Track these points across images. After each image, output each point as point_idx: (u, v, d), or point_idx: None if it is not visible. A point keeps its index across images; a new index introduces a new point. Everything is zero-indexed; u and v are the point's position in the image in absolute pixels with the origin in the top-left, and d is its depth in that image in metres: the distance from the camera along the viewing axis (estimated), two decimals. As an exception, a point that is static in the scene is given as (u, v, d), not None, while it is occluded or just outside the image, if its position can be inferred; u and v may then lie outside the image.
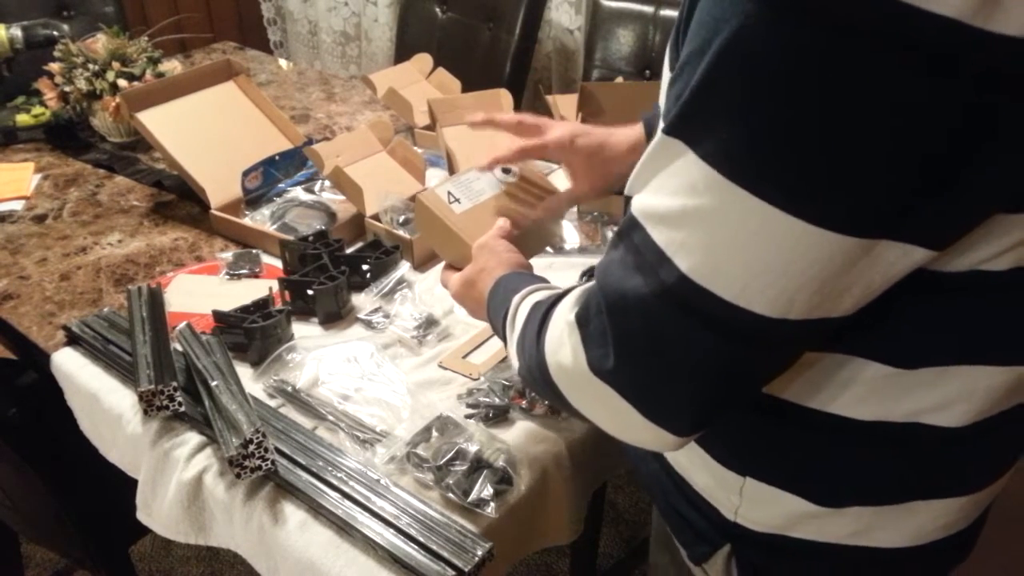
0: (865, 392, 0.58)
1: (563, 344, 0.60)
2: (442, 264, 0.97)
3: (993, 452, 0.63)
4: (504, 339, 0.75)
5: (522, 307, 0.71)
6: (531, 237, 0.95)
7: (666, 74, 0.59)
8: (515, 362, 0.71)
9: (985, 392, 0.57)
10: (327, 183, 1.42)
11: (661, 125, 0.52)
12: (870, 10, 0.40)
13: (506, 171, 0.97)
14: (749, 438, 0.65)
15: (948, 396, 0.57)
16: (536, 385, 0.66)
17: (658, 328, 0.53)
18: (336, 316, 1.15)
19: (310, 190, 1.43)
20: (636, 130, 1.00)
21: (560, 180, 1.33)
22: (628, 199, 0.57)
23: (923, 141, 0.43)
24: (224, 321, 1.07)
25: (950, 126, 0.42)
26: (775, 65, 0.43)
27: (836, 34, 0.41)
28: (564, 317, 0.60)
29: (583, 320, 0.58)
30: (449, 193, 0.92)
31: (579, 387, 0.60)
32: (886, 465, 0.61)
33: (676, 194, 0.50)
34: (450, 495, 0.86)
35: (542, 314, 0.65)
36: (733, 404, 0.57)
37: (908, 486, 0.62)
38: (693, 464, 0.71)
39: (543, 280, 0.78)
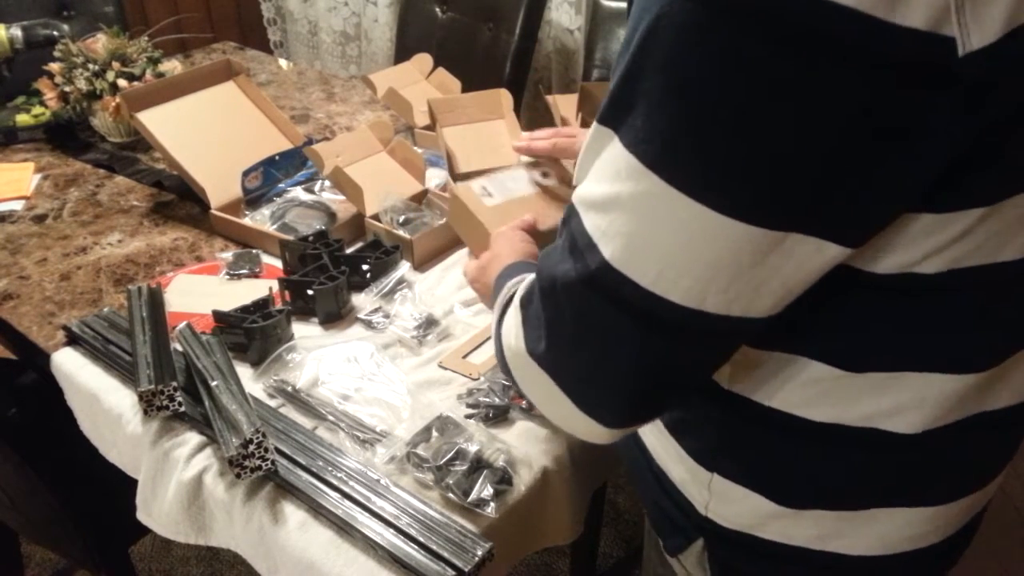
0: (816, 393, 0.57)
1: (512, 326, 0.62)
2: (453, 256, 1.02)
3: (957, 463, 0.62)
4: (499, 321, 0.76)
5: (513, 291, 0.72)
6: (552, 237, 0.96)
7: None
8: (495, 345, 0.72)
9: (936, 399, 0.56)
10: (327, 183, 1.42)
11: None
12: (774, 1, 0.41)
13: (544, 174, 1.02)
14: (715, 433, 0.65)
15: (900, 402, 0.56)
16: (501, 367, 0.67)
17: (584, 314, 0.54)
18: (336, 316, 1.15)
19: (310, 190, 1.43)
20: None
21: None
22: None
23: (824, 133, 0.43)
24: (224, 321, 1.07)
25: (851, 119, 0.42)
26: (685, 53, 0.44)
27: (741, 23, 0.42)
28: (515, 303, 0.63)
29: (525, 303, 0.60)
30: (483, 187, 0.96)
31: (521, 369, 0.61)
32: (844, 468, 0.61)
33: (604, 180, 0.52)
34: (450, 495, 0.86)
35: (509, 297, 0.68)
36: (664, 398, 0.58)
37: (867, 492, 0.62)
38: (669, 456, 0.71)
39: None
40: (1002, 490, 0.99)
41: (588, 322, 0.54)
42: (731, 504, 0.67)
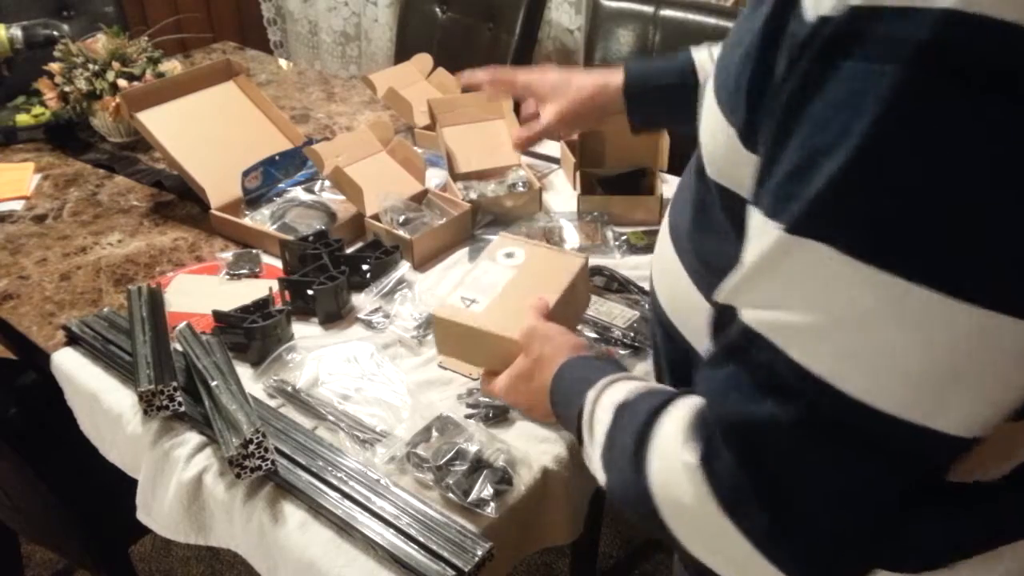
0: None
1: (679, 483, 0.51)
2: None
3: None
4: (579, 439, 0.67)
5: (600, 409, 0.63)
6: (565, 312, 0.90)
7: (719, 127, 0.54)
8: (599, 475, 0.62)
9: None
10: (327, 183, 1.42)
11: (764, 220, 0.46)
12: None
13: (509, 255, 0.95)
14: None
15: None
16: (630, 508, 0.58)
17: (804, 462, 0.45)
18: (336, 316, 1.15)
19: (310, 190, 1.43)
20: (600, 75, 1.02)
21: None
22: (722, 308, 0.51)
23: None
24: (224, 321, 1.07)
25: None
26: (953, 140, 0.39)
27: (1010, 103, 0.37)
28: (677, 455, 0.51)
29: (707, 460, 0.49)
30: (462, 298, 0.88)
31: (700, 530, 0.52)
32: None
33: (817, 301, 0.44)
34: (450, 495, 0.86)
35: (637, 434, 0.56)
36: (886, 544, 0.50)
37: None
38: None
39: (613, 364, 0.71)
40: None
41: (810, 469, 0.45)
42: None
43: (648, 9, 1.88)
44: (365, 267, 1.20)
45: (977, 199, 0.39)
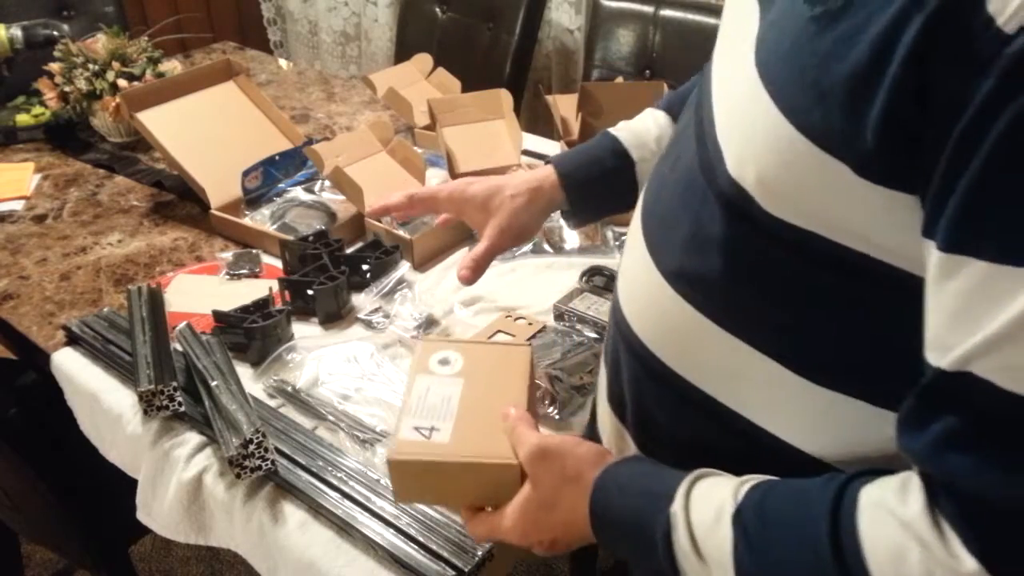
0: None
1: None
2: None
3: None
4: (673, 565, 0.54)
5: (703, 525, 0.53)
6: (531, 404, 0.77)
7: (796, 157, 0.48)
8: None
9: None
10: (327, 183, 1.42)
11: (979, 265, 0.40)
12: None
13: (443, 362, 0.78)
14: None
15: None
16: None
17: None
18: (336, 316, 1.15)
19: (310, 190, 1.43)
20: (528, 177, 0.93)
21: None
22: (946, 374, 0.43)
23: None
24: (224, 321, 1.07)
25: None
26: None
27: None
28: (941, 563, 0.42)
29: (993, 562, 0.41)
30: (416, 428, 0.71)
31: None
32: None
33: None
34: (450, 495, 0.86)
35: (807, 526, 0.48)
36: None
37: None
38: None
39: (663, 467, 0.60)
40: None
41: None
42: None
43: (648, 9, 1.88)
44: (365, 267, 1.20)
45: None
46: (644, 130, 0.93)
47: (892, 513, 0.45)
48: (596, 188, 0.91)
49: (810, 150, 0.47)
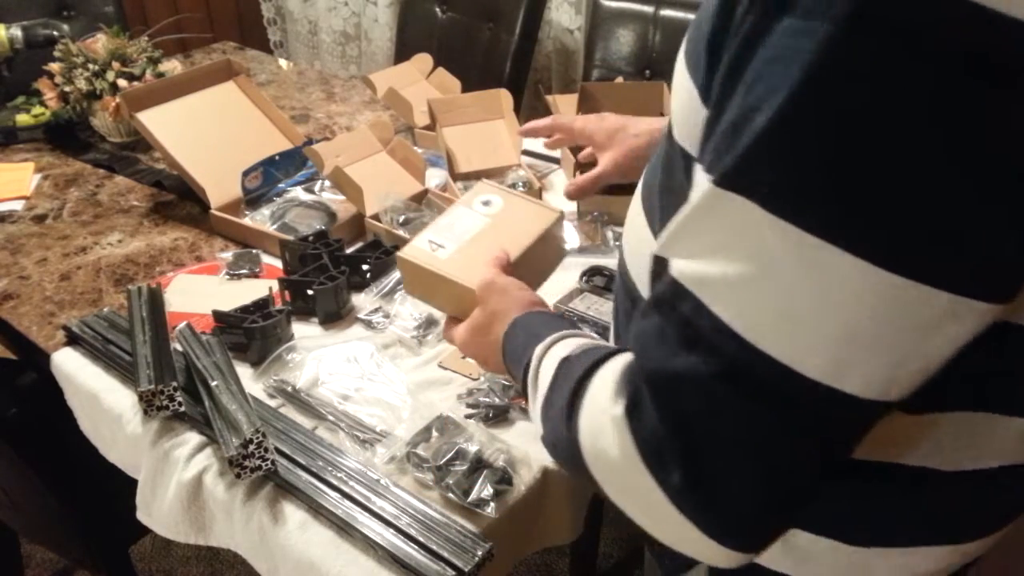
0: (959, 443, 0.54)
1: (604, 434, 0.51)
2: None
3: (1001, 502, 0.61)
4: (525, 395, 0.67)
5: (546, 362, 0.63)
6: (532, 264, 0.87)
7: (683, 86, 0.55)
8: (538, 426, 0.63)
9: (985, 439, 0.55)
10: (327, 183, 1.42)
11: (704, 175, 0.46)
12: (986, 32, 0.37)
13: (486, 203, 0.91)
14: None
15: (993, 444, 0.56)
16: (562, 460, 0.59)
17: (721, 417, 0.45)
18: (336, 316, 1.15)
19: (310, 190, 1.43)
20: (658, 121, 1.02)
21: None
22: (657, 260, 0.52)
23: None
24: (224, 321, 1.07)
25: None
26: (873, 100, 0.39)
27: (942, 60, 0.38)
28: (605, 409, 0.51)
29: (632, 412, 0.49)
30: (430, 241, 0.85)
31: (623, 482, 0.52)
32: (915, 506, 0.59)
33: (738, 256, 0.44)
34: (450, 495, 0.86)
35: (573, 386, 0.56)
36: (798, 508, 0.49)
37: (925, 528, 0.60)
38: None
39: (565, 321, 0.71)
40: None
41: (727, 425, 0.45)
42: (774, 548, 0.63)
43: (648, 9, 1.88)
44: (365, 267, 1.20)
45: (897, 167, 0.39)
46: None
47: (607, 389, 0.52)
48: None
49: (685, 79, 0.55)
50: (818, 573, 0.62)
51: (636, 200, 0.72)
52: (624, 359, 0.53)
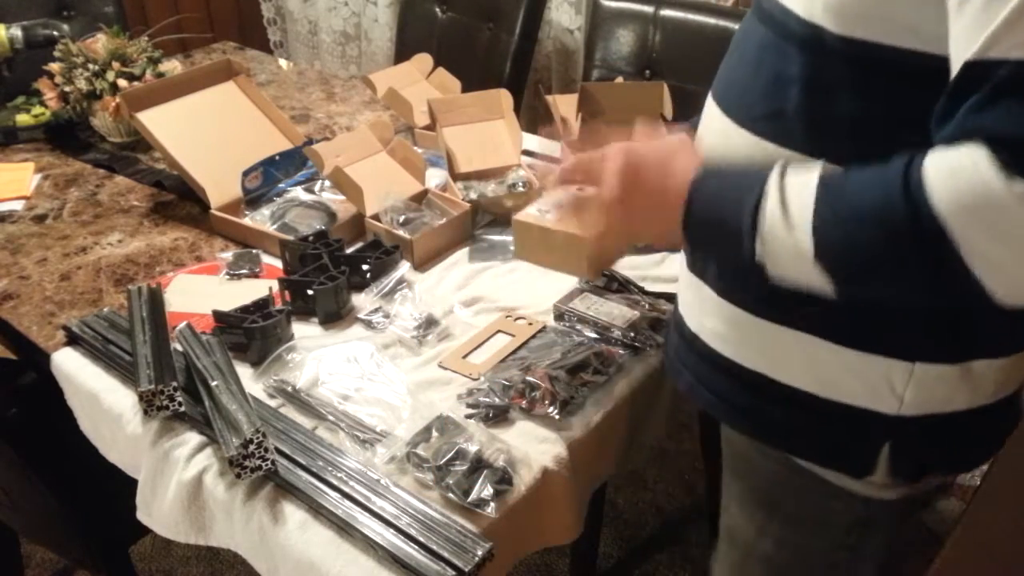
0: None
1: (996, 207, 0.56)
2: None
3: None
4: (754, 229, 0.67)
5: (792, 192, 0.65)
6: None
7: None
8: (805, 250, 0.64)
9: None
10: (327, 183, 1.42)
11: None
12: None
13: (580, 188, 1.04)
14: (919, 320, 0.70)
15: None
16: (877, 251, 0.62)
17: None
18: (336, 316, 1.15)
19: (310, 190, 1.43)
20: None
21: None
22: (970, 69, 0.57)
23: None
24: (224, 321, 1.07)
25: None
26: None
27: None
28: (992, 187, 0.56)
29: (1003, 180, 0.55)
30: (539, 210, 1.07)
31: (1008, 225, 0.56)
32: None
33: None
34: (450, 495, 0.86)
35: (891, 181, 0.60)
36: None
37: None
38: (847, 379, 0.74)
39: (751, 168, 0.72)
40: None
41: None
42: (930, 388, 0.72)
43: (648, 9, 1.88)
44: (365, 267, 1.20)
45: None
46: None
47: (949, 152, 0.59)
48: None
49: None
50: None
51: (714, 113, 0.79)
52: (953, 151, 0.58)
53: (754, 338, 0.78)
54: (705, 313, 0.83)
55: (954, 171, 0.58)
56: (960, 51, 0.59)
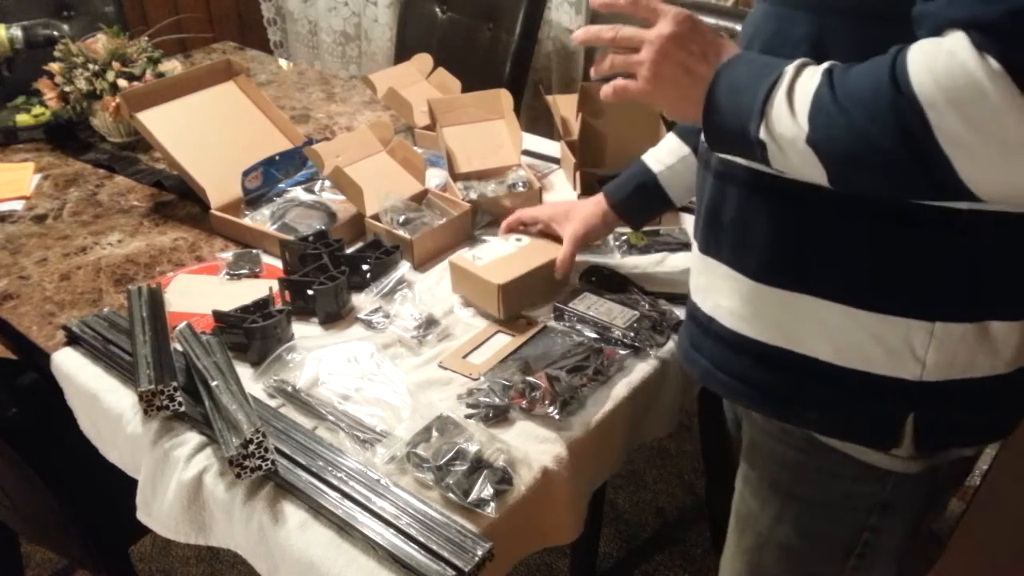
0: None
1: (973, 87, 0.57)
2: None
3: None
4: (762, 114, 0.69)
5: (803, 79, 0.67)
6: (533, 285, 1.15)
7: None
8: (798, 136, 0.66)
9: None
10: (327, 183, 1.42)
11: None
12: None
13: (518, 239, 1.22)
14: (937, 277, 0.71)
15: None
16: (870, 136, 0.63)
17: None
18: (336, 316, 1.15)
19: (310, 190, 1.43)
20: (595, 202, 1.19)
21: (560, 179, 1.33)
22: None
23: None
24: (224, 321, 1.07)
25: None
26: None
27: None
28: (969, 68, 0.57)
29: (1010, 62, 0.56)
30: (473, 257, 1.16)
31: (985, 115, 0.57)
32: None
33: None
34: (450, 495, 0.86)
35: (879, 68, 0.62)
36: None
37: None
38: (868, 344, 0.74)
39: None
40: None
41: None
42: (951, 350, 0.72)
43: (648, 9, 1.87)
44: (365, 267, 1.20)
45: None
46: (663, 147, 1.16)
47: (931, 40, 0.60)
48: (634, 202, 1.18)
49: None
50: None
51: None
52: (935, 39, 0.60)
53: (770, 310, 0.79)
54: (720, 293, 0.84)
55: (933, 53, 0.59)
56: None
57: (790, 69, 0.68)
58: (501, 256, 1.16)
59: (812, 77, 0.67)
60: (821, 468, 0.82)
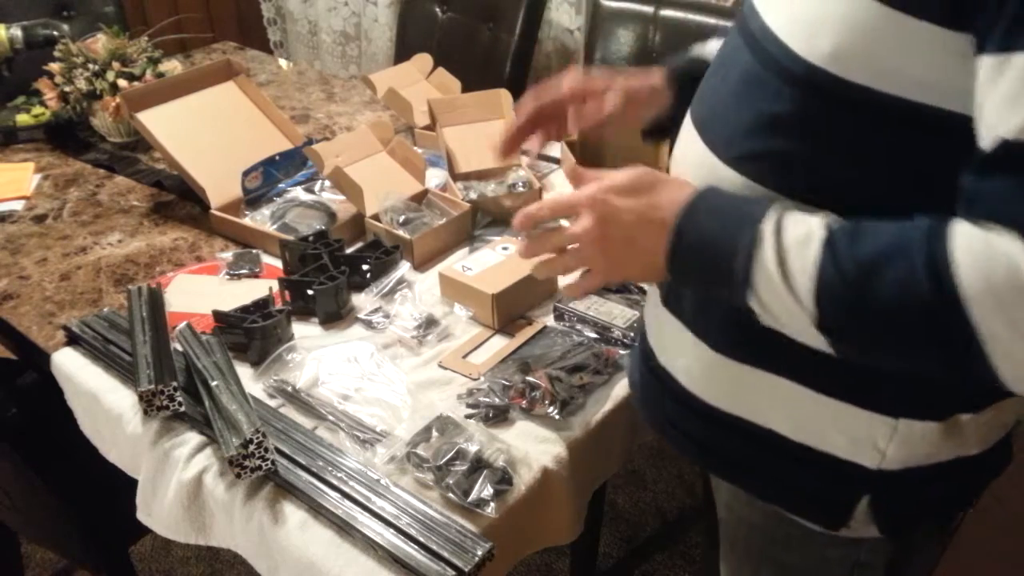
0: None
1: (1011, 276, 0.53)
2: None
3: None
4: (748, 274, 0.62)
5: (794, 244, 0.60)
6: (520, 294, 1.15)
7: (869, 21, 0.58)
8: (807, 307, 0.60)
9: None
10: (327, 183, 1.42)
11: (1018, 52, 0.51)
12: None
13: (504, 248, 1.21)
14: (907, 380, 0.67)
15: None
16: (890, 328, 0.58)
17: None
18: (336, 316, 1.15)
19: (310, 190, 1.43)
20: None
21: (560, 179, 1.34)
22: (996, 150, 0.54)
23: None
24: (224, 321, 1.07)
25: None
26: None
27: None
28: (1018, 263, 0.52)
29: None
30: (463, 267, 1.17)
31: None
32: None
33: None
34: (450, 495, 0.86)
35: (899, 250, 0.57)
36: None
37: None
38: (828, 429, 0.71)
39: (753, 199, 0.66)
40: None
41: None
42: (915, 444, 0.69)
43: (648, 9, 1.88)
44: (365, 267, 1.20)
45: None
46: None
47: (979, 233, 0.55)
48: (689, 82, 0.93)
49: (886, 14, 0.57)
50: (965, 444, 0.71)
51: (692, 141, 0.73)
52: (982, 237, 0.55)
53: (730, 381, 0.74)
54: (679, 352, 0.79)
55: (988, 258, 0.54)
56: (994, 123, 0.54)
57: (768, 227, 0.61)
58: (490, 266, 1.17)
59: (806, 245, 0.60)
60: (791, 535, 0.79)
